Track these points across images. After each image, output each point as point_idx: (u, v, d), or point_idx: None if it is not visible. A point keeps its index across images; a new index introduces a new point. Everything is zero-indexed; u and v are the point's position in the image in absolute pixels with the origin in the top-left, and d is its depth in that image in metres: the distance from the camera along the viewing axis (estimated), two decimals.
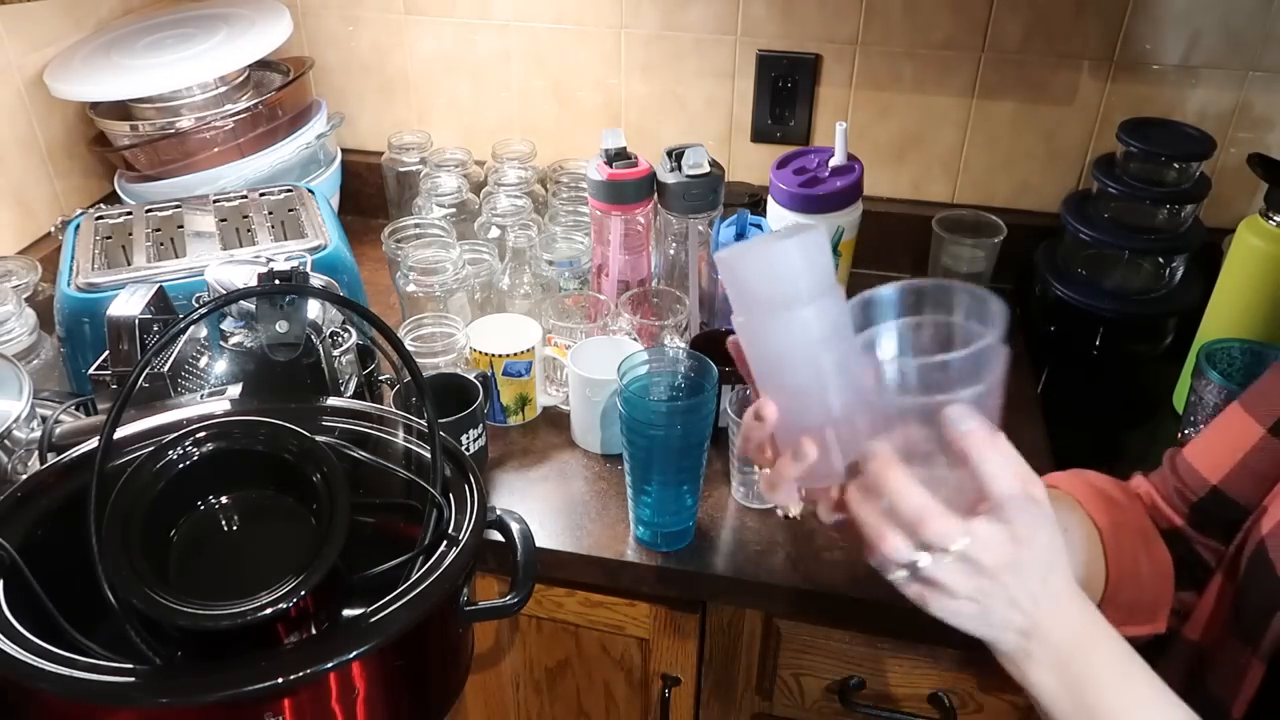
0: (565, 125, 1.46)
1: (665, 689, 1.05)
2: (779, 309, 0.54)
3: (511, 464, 1.05)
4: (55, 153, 1.34)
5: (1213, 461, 0.75)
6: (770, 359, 0.56)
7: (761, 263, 0.54)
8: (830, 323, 0.54)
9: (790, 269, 0.53)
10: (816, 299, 0.54)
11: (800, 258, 0.53)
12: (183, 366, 0.85)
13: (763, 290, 0.54)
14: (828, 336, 0.54)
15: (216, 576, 0.66)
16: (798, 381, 0.56)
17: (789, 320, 0.54)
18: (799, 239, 0.53)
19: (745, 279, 0.55)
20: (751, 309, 0.55)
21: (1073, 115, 1.29)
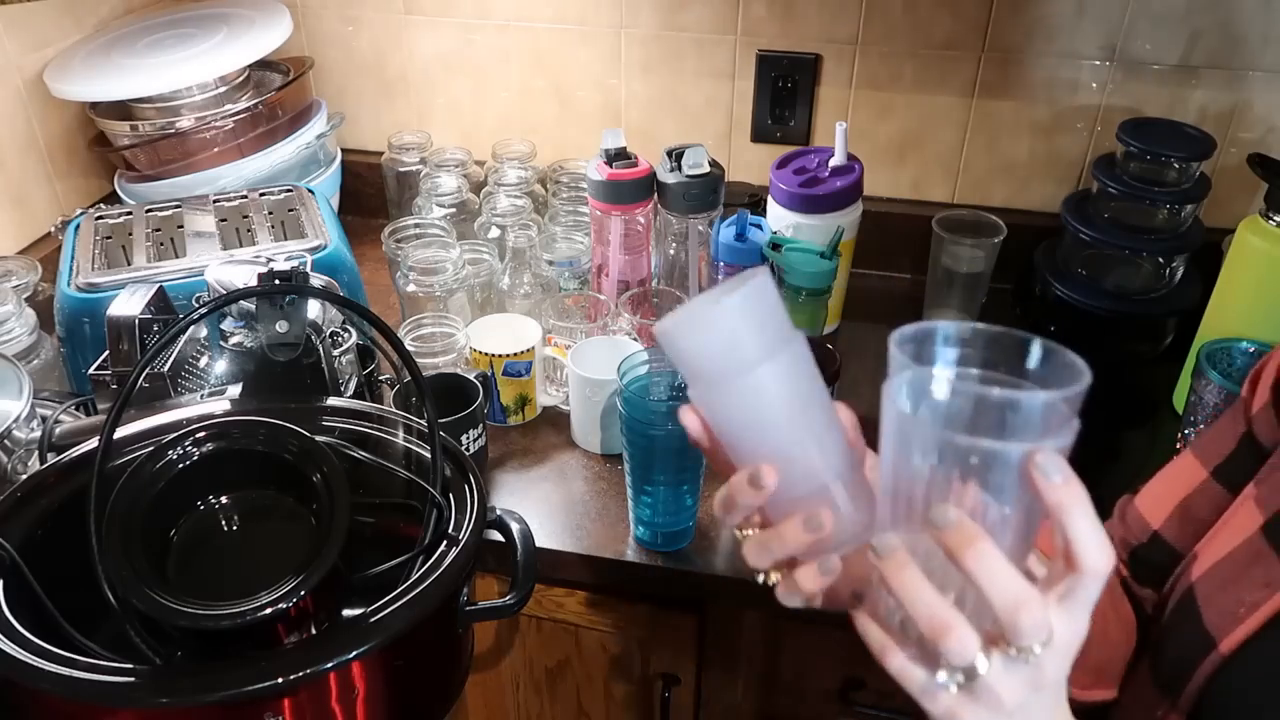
0: (565, 125, 1.46)
1: (665, 689, 1.05)
2: (732, 377, 0.47)
3: (511, 464, 1.05)
4: (55, 153, 1.34)
5: (1156, 506, 0.72)
6: (740, 429, 0.50)
7: (702, 331, 0.47)
8: (800, 374, 0.49)
9: (734, 332, 0.47)
10: (773, 355, 0.47)
11: (742, 317, 0.47)
12: (183, 366, 0.85)
13: (711, 361, 0.48)
14: (799, 390, 0.49)
15: (216, 577, 0.66)
16: (780, 446, 0.49)
17: (745, 386, 0.47)
18: (739, 296, 0.47)
19: (688, 351, 0.48)
20: (704, 381, 0.49)
21: (1073, 115, 1.29)
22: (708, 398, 0.50)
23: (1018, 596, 0.43)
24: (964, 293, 1.25)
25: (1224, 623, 0.58)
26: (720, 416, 0.50)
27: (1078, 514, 0.43)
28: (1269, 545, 0.58)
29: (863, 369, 1.11)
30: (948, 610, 0.44)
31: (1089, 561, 0.43)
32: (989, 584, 0.43)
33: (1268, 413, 0.65)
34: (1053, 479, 0.42)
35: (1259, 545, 0.58)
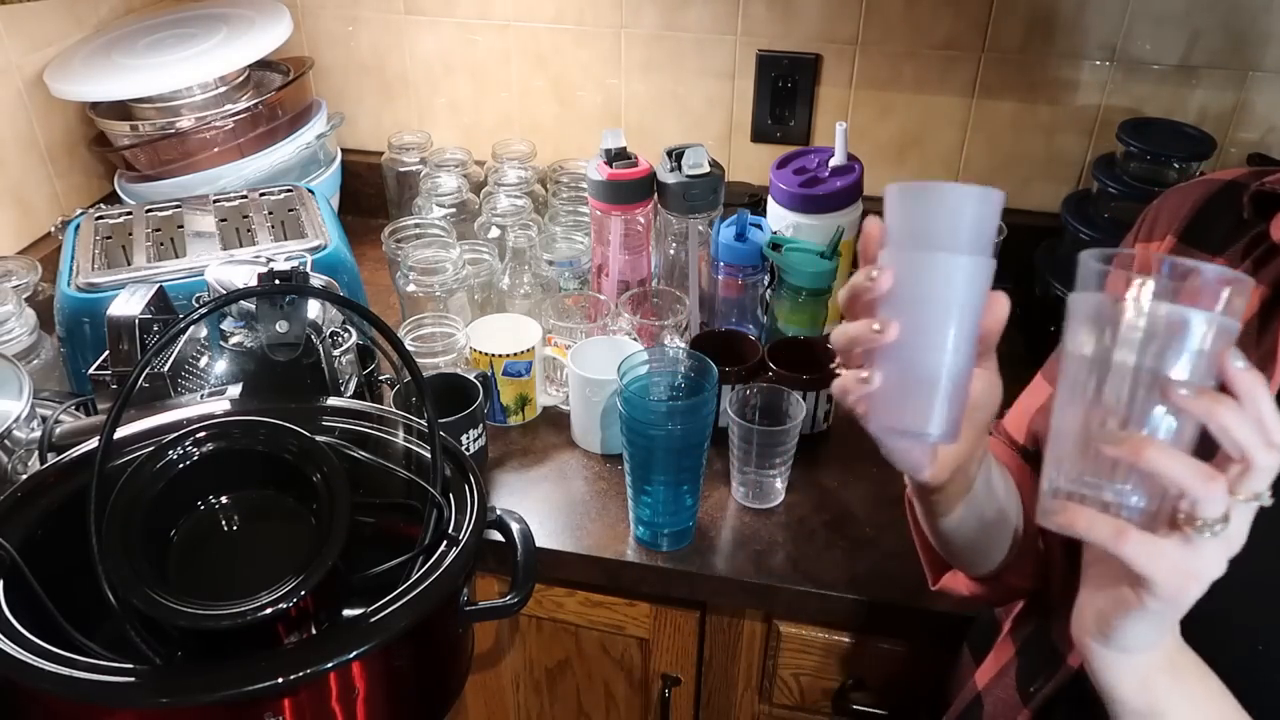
0: (565, 125, 1.46)
1: (665, 689, 1.05)
2: (937, 249, 0.53)
3: (511, 464, 1.05)
4: (55, 153, 1.34)
5: (1016, 424, 0.81)
6: (908, 292, 0.55)
7: (943, 202, 0.54)
8: (982, 282, 0.55)
9: (968, 218, 0.54)
10: (977, 254, 0.54)
11: (982, 210, 0.54)
12: (183, 366, 0.85)
13: (934, 228, 0.54)
14: (973, 292, 0.54)
15: (216, 577, 0.66)
16: (927, 325, 0.54)
17: (940, 262, 0.53)
18: (984, 192, 0.53)
19: (919, 212, 0.55)
20: (910, 242, 0.54)
21: (1073, 115, 1.29)
22: (902, 259, 0.54)
23: (1267, 436, 0.47)
24: None
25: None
26: (900, 275, 0.54)
27: (1264, 399, 0.47)
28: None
29: None
30: (1201, 464, 0.47)
31: (1261, 460, 0.47)
32: (1238, 424, 0.47)
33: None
34: (1237, 365, 0.47)
35: None
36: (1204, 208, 0.70)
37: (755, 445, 0.95)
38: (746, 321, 1.14)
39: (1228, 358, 0.48)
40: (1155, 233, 0.72)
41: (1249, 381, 0.48)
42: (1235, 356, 0.48)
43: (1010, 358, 0.65)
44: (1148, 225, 0.74)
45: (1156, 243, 0.71)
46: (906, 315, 0.54)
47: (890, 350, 0.54)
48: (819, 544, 0.95)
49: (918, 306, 0.54)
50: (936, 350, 0.54)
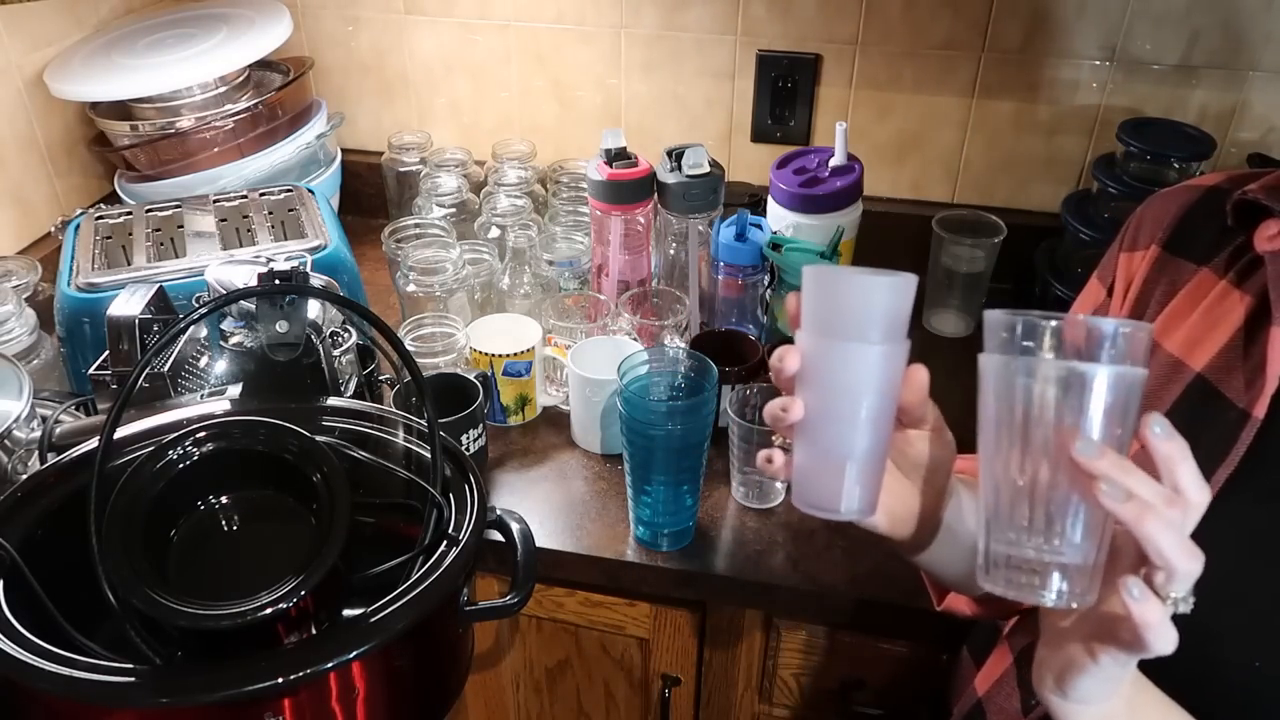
0: (565, 125, 1.46)
1: (665, 689, 1.05)
2: (853, 339, 0.54)
3: (511, 464, 1.05)
4: (55, 153, 1.34)
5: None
6: (818, 378, 0.56)
7: (851, 291, 0.54)
8: (893, 367, 0.55)
9: (878, 306, 0.54)
10: (890, 340, 0.54)
11: (889, 300, 0.54)
12: (183, 366, 0.85)
13: (847, 318, 0.54)
14: (885, 378, 0.55)
15: (217, 576, 0.66)
16: (836, 407, 0.56)
17: (852, 352, 0.54)
18: (895, 281, 0.53)
19: (833, 302, 0.55)
20: (823, 330, 0.55)
21: (1073, 115, 1.29)
22: (816, 344, 0.56)
23: (1169, 497, 0.47)
24: (964, 293, 1.25)
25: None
26: (809, 360, 0.56)
27: (1180, 463, 0.48)
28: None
29: None
30: (1190, 545, 0.47)
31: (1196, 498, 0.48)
32: (1143, 488, 0.47)
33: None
34: (1158, 433, 0.47)
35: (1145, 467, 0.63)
36: (1187, 216, 0.69)
37: (755, 445, 0.95)
38: (746, 321, 1.14)
39: (1146, 425, 0.48)
40: (1140, 241, 0.72)
41: (1165, 451, 0.48)
42: (1154, 422, 0.48)
43: None
44: (1131, 233, 0.74)
45: (1141, 252, 0.71)
46: (816, 398, 0.56)
47: (803, 430, 0.57)
48: (819, 544, 0.95)
49: (826, 391, 0.56)
50: (845, 433, 0.56)
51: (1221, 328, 0.63)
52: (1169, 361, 0.65)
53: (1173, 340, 0.66)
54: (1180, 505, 0.48)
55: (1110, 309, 0.73)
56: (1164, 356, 0.65)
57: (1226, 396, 0.61)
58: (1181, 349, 0.65)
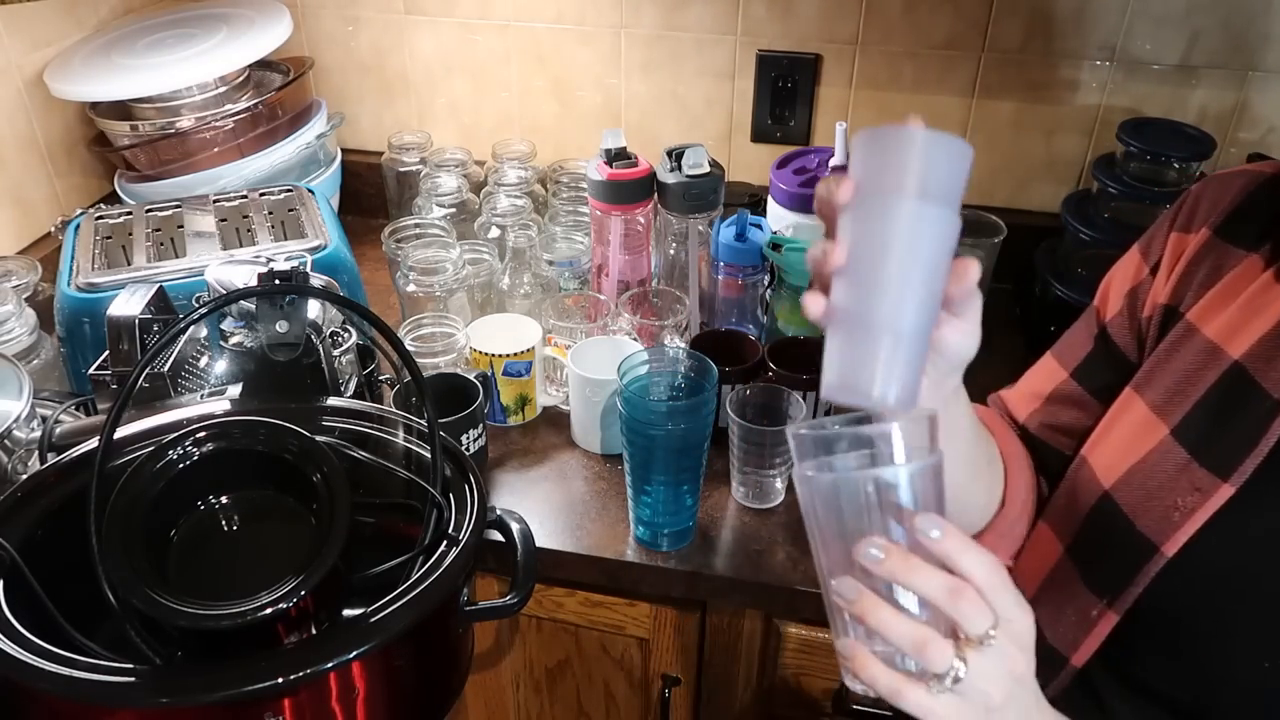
0: (565, 125, 1.46)
1: (665, 689, 1.05)
2: (905, 196, 0.50)
3: (511, 464, 1.05)
4: (55, 153, 1.34)
5: (1020, 402, 0.81)
6: (872, 235, 0.51)
7: (916, 142, 0.50)
8: (946, 235, 0.51)
9: (939, 162, 0.50)
10: (945, 207, 0.50)
11: (948, 160, 0.51)
12: (183, 366, 0.85)
13: (901, 172, 0.50)
14: (937, 248, 0.51)
15: (216, 576, 0.66)
16: (889, 274, 0.50)
17: (914, 208, 0.50)
18: (961, 142, 0.50)
19: (888, 152, 0.51)
20: (877, 186, 0.51)
21: (1073, 115, 1.29)
22: (865, 198, 0.51)
23: (952, 588, 0.49)
24: None
25: (1160, 526, 0.62)
26: (864, 214, 0.51)
27: (962, 558, 0.50)
28: (1185, 450, 0.63)
29: None
30: (919, 627, 0.50)
31: (983, 579, 0.50)
32: (926, 586, 0.49)
33: (1122, 318, 0.74)
34: (932, 535, 0.50)
35: (1174, 453, 0.63)
36: (1244, 200, 0.68)
37: (755, 445, 0.95)
38: (746, 321, 1.14)
39: (919, 529, 0.50)
40: (1193, 223, 0.70)
41: (943, 549, 0.50)
42: (930, 526, 0.50)
43: (1010, 358, 0.66)
44: (1186, 213, 0.72)
45: (1193, 234, 0.70)
46: (860, 255, 0.51)
47: (842, 290, 0.52)
48: None
49: (872, 248, 0.51)
50: (889, 300, 0.51)
51: (1264, 316, 0.62)
52: (1206, 347, 0.64)
53: (1212, 326, 0.65)
54: (968, 595, 0.49)
55: (1154, 288, 0.72)
56: (1201, 342, 0.65)
57: (1263, 386, 0.60)
58: (1221, 335, 0.64)
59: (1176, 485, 0.62)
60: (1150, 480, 0.64)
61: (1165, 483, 0.63)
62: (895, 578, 0.50)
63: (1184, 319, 0.67)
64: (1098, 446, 0.70)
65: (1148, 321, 0.71)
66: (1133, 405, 0.68)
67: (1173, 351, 0.67)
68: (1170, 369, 0.66)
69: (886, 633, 0.50)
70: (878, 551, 0.50)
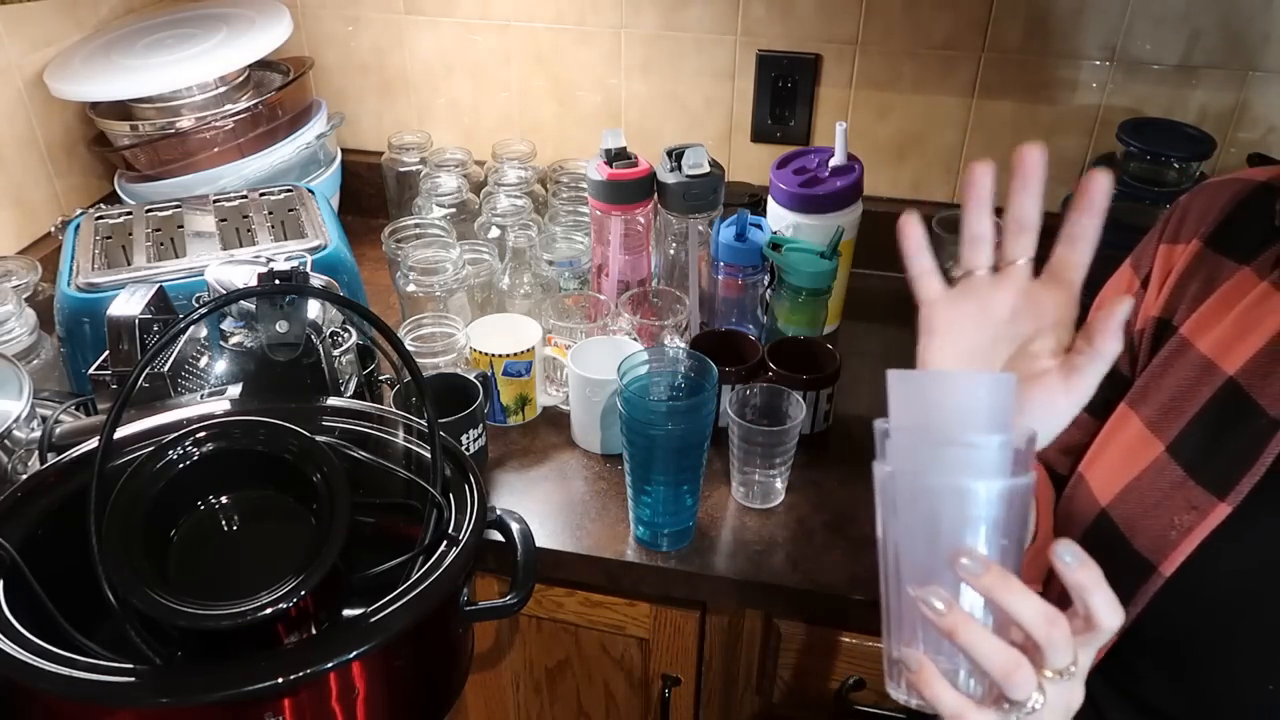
0: (565, 125, 1.46)
1: (665, 689, 1.05)
2: (967, 476, 0.50)
3: (511, 464, 1.05)
4: (55, 153, 1.34)
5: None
6: (922, 523, 0.51)
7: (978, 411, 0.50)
8: (1015, 520, 0.51)
9: (989, 403, 0.50)
10: (1009, 477, 0.50)
11: (1001, 399, 0.50)
12: (183, 366, 0.85)
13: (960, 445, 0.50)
14: (1007, 531, 0.50)
15: (216, 576, 0.66)
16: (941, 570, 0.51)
17: (962, 489, 0.50)
18: (1005, 383, 0.50)
19: (944, 417, 0.51)
20: (926, 458, 0.51)
21: (1073, 115, 1.29)
22: (914, 481, 0.51)
23: (1049, 616, 0.48)
24: None
25: (1158, 545, 0.61)
26: (914, 499, 0.51)
27: (1094, 591, 0.49)
28: (1180, 468, 0.62)
29: (863, 369, 1.11)
30: (1011, 651, 0.49)
31: (1106, 622, 0.49)
32: (1024, 607, 0.48)
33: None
34: (1068, 562, 0.48)
35: (1170, 470, 0.62)
36: (1234, 211, 0.67)
37: (755, 445, 0.95)
38: (746, 321, 1.14)
39: (1056, 553, 0.49)
40: (1182, 234, 0.70)
41: (1076, 580, 0.49)
42: (1065, 551, 0.48)
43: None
44: (1174, 224, 0.71)
45: (1182, 245, 0.69)
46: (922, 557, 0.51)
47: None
48: (819, 544, 0.95)
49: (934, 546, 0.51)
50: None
51: (1260, 331, 0.61)
52: (1200, 363, 0.63)
53: (1206, 340, 0.64)
54: (1063, 626, 0.49)
55: (1145, 302, 0.71)
56: (1195, 357, 0.64)
57: (1258, 403, 0.59)
58: (1215, 350, 0.63)
59: (1173, 503, 0.61)
60: (1147, 498, 0.63)
61: (1161, 500, 0.62)
62: (992, 593, 0.48)
63: (1177, 333, 0.66)
64: (1094, 463, 0.70)
65: (1140, 335, 0.70)
66: (1128, 421, 0.67)
67: (1167, 366, 0.66)
68: (1165, 385, 0.65)
69: (974, 651, 0.48)
70: (977, 565, 0.48)
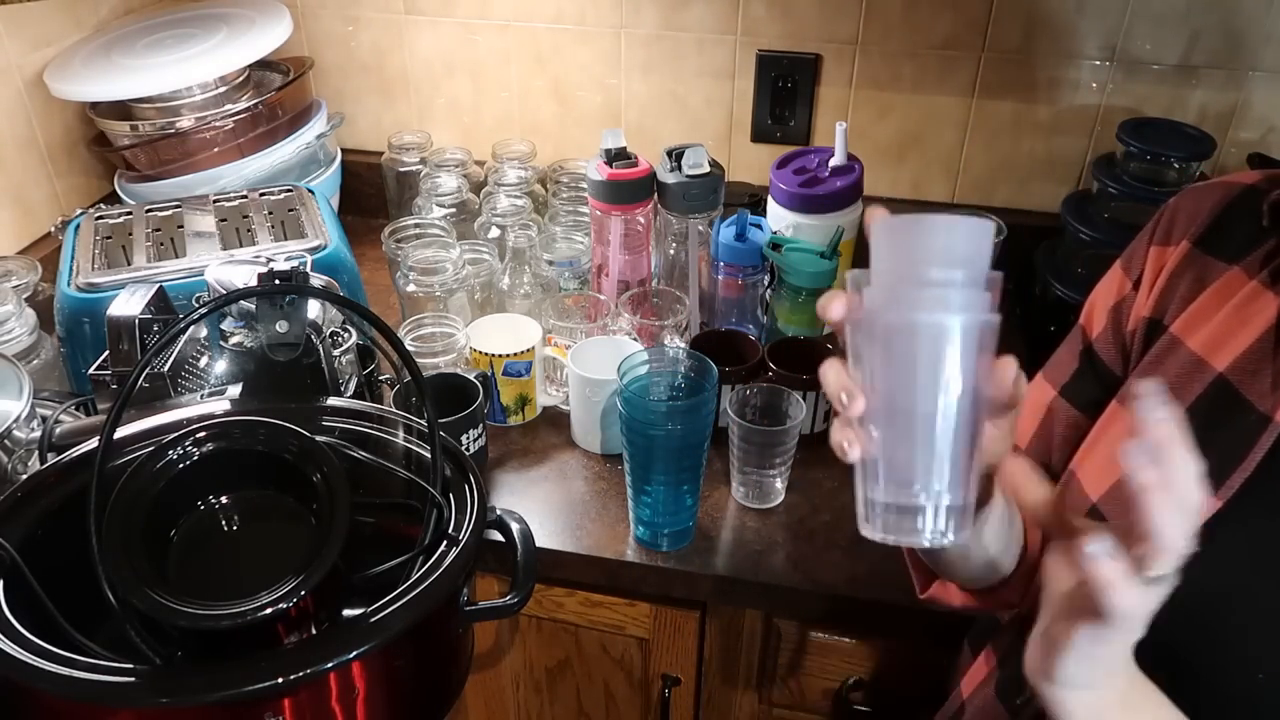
0: (565, 125, 1.46)
1: (665, 689, 1.05)
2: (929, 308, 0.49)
3: (511, 464, 1.05)
4: (55, 153, 1.34)
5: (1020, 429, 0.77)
6: (898, 379, 0.50)
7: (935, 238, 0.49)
8: (980, 349, 0.50)
9: (957, 248, 0.49)
10: (973, 307, 0.50)
11: (969, 241, 0.50)
12: (183, 366, 0.85)
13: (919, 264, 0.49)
14: (964, 366, 0.50)
15: (217, 576, 0.66)
16: (909, 402, 0.50)
17: (926, 324, 0.49)
18: (977, 222, 0.49)
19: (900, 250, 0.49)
20: (891, 288, 0.49)
21: (1073, 115, 1.29)
22: (885, 311, 0.49)
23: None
24: None
25: None
26: (885, 333, 0.50)
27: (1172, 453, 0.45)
28: None
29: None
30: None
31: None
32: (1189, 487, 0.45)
33: (1106, 334, 0.73)
34: (1156, 414, 0.44)
35: None
36: (1222, 213, 0.68)
37: (755, 445, 0.95)
38: (746, 321, 1.14)
39: (1146, 407, 0.45)
40: (1172, 236, 0.70)
41: (1161, 435, 0.45)
42: (1154, 405, 0.45)
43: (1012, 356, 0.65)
44: (1164, 227, 0.72)
45: (1172, 247, 0.70)
46: (894, 412, 0.50)
47: (877, 450, 0.51)
48: (819, 544, 0.95)
49: (905, 396, 0.50)
50: (930, 461, 0.49)
51: (1249, 329, 0.62)
52: (1191, 360, 0.64)
53: (1196, 339, 0.65)
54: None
55: (1136, 302, 0.72)
56: (1185, 355, 0.64)
57: (1248, 399, 0.60)
58: (1205, 348, 0.64)
59: None
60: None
61: None
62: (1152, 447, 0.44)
63: (1168, 332, 0.67)
64: (1085, 461, 0.70)
65: (1131, 335, 0.71)
66: (1119, 419, 0.68)
67: (1157, 364, 0.66)
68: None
69: (1158, 517, 0.44)
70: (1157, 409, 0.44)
